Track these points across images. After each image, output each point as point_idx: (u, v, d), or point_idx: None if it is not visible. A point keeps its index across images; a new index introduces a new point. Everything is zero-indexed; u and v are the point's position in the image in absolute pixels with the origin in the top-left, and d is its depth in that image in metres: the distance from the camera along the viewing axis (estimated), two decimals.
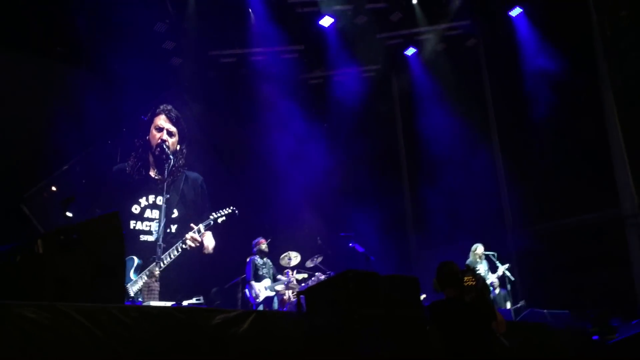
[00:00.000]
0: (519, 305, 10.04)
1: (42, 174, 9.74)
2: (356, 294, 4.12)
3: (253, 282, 9.56)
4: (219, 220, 9.69)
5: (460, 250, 10.56)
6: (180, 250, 9.64)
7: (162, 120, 11.02)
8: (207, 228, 9.68)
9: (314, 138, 14.91)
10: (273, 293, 9.62)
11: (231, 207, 9.79)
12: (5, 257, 4.08)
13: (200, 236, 9.57)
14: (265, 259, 9.98)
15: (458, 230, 12.30)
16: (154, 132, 10.99)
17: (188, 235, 9.56)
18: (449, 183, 12.90)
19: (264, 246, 10.04)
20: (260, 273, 9.73)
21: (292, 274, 10.05)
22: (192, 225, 9.73)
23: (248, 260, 9.88)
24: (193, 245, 9.61)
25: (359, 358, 4.00)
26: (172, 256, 9.51)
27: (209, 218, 9.72)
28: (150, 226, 10.75)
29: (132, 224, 10.40)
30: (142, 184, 10.78)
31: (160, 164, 10.61)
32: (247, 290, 9.61)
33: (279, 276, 9.96)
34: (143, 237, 10.55)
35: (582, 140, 11.87)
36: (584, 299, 11.55)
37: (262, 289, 9.51)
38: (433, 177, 13.36)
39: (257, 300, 9.41)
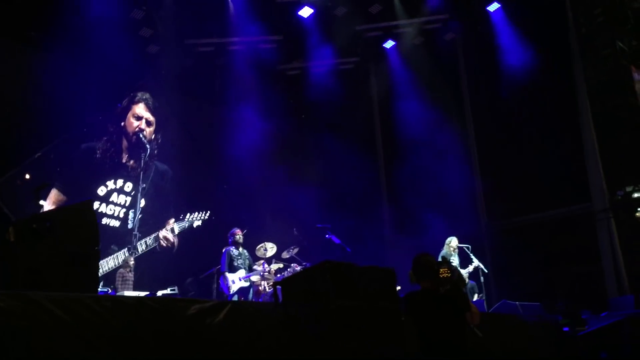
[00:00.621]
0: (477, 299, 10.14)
1: (14, 161, 9.54)
2: (333, 285, 4.13)
3: (227, 273, 9.51)
4: (194, 225, 9.65)
5: (434, 242, 10.65)
6: (149, 245, 9.58)
7: (141, 109, 10.93)
8: (181, 230, 9.64)
9: (292, 128, 14.91)
10: (247, 284, 9.58)
11: (208, 212, 9.75)
12: None
13: (173, 237, 9.56)
14: (241, 250, 9.92)
15: (432, 222, 12.39)
16: (131, 119, 10.87)
17: (161, 235, 9.51)
18: (424, 175, 12.98)
19: (238, 237, 9.97)
20: (236, 264, 9.67)
21: (268, 265, 10.03)
22: (169, 221, 9.67)
23: (223, 251, 9.82)
24: (164, 244, 9.57)
25: (333, 347, 4.02)
26: (144, 247, 9.46)
27: (186, 219, 9.67)
28: (114, 211, 10.60)
29: (95, 204, 10.20)
30: (111, 168, 10.66)
31: (135, 151, 10.51)
32: (221, 281, 9.56)
33: (255, 267, 9.92)
34: (106, 220, 10.40)
35: (556, 136, 12.06)
36: (555, 291, 11.77)
37: (236, 280, 9.46)
38: (409, 169, 13.42)
39: (231, 291, 9.37)
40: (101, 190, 10.36)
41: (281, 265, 10.02)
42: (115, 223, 10.39)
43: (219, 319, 4.13)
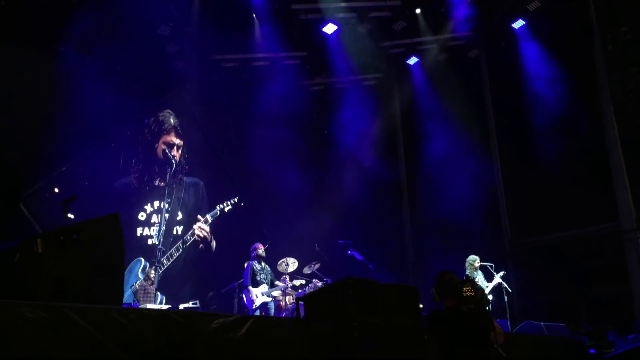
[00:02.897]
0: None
1: (42, 173, 9.71)
2: (355, 301, 4.11)
3: (250, 287, 9.49)
4: (226, 210, 9.81)
5: (457, 260, 10.53)
6: (181, 248, 9.71)
7: (173, 137, 11.21)
8: (214, 218, 9.80)
9: (314, 144, 14.95)
10: (270, 299, 9.56)
11: (236, 198, 9.90)
12: (5, 256, 4.06)
13: (208, 227, 9.73)
14: (263, 265, 9.92)
15: (455, 241, 12.28)
16: (162, 146, 11.15)
17: (195, 226, 9.66)
18: (447, 192, 12.88)
19: (261, 251, 9.98)
20: (258, 278, 9.66)
21: (290, 281, 10.02)
22: (198, 217, 9.83)
23: (246, 265, 9.84)
24: (201, 235, 9.73)
25: None
26: (172, 256, 9.58)
27: (216, 208, 9.84)
28: (156, 231, 10.86)
29: (139, 230, 10.52)
30: (147, 193, 10.96)
31: (165, 173, 10.80)
32: (244, 295, 9.55)
33: (277, 282, 9.92)
34: (150, 242, 10.67)
35: (583, 154, 11.89)
36: (581, 312, 11.55)
37: (259, 294, 9.45)
38: (432, 186, 13.36)
39: (254, 305, 9.36)
40: (141, 216, 10.73)
41: (303, 282, 9.99)
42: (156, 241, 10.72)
43: (241, 334, 4.15)
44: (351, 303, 4.13)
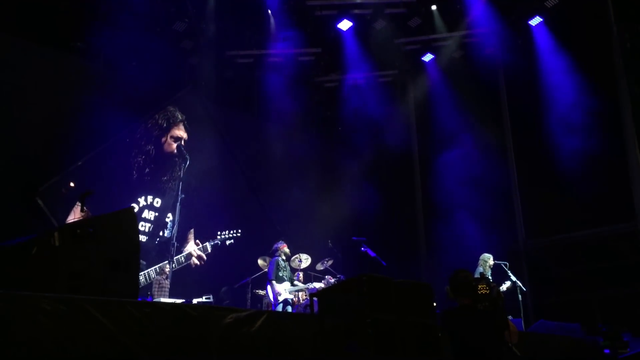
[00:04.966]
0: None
1: (58, 168, 9.78)
2: (370, 298, 4.10)
3: (274, 282, 9.52)
4: (227, 243, 9.87)
5: (471, 259, 10.48)
6: (181, 264, 9.81)
7: (181, 130, 11.21)
8: (213, 248, 9.86)
9: (328, 141, 14.94)
10: (292, 296, 9.63)
11: (238, 230, 9.95)
12: (22, 249, 4.10)
13: (205, 254, 9.80)
14: (286, 263, 9.95)
15: (470, 239, 12.21)
16: (169, 140, 11.16)
17: (194, 254, 9.75)
18: (461, 190, 12.81)
19: (287, 250, 10.01)
20: (281, 274, 9.71)
21: (302, 277, 10.07)
22: (197, 242, 9.89)
23: (271, 260, 9.87)
24: (199, 263, 9.82)
25: None
26: (180, 262, 9.67)
27: (217, 238, 9.88)
28: (144, 227, 10.82)
29: None
30: (145, 185, 10.90)
31: (172, 168, 10.79)
32: (268, 288, 9.54)
33: (296, 282, 9.97)
34: (140, 238, 10.68)
35: (599, 153, 11.75)
36: (595, 312, 11.45)
37: (282, 291, 9.49)
38: (446, 184, 13.28)
39: (279, 300, 9.39)
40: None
41: (322, 285, 9.96)
42: (143, 238, 10.61)
43: (254, 329, 4.16)
44: (365, 300, 4.13)
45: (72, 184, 9.45)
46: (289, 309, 9.39)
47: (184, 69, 12.29)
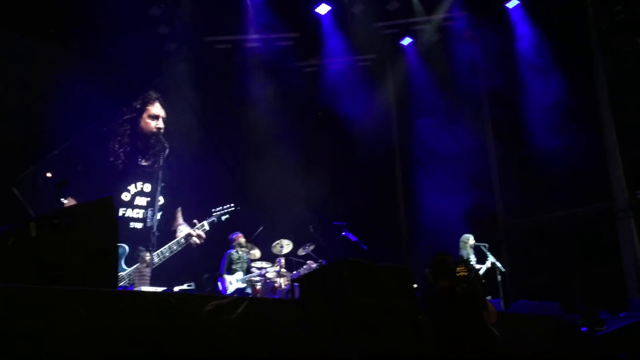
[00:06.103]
0: None
1: (34, 157, 9.63)
2: (351, 282, 4.13)
3: (225, 276, 9.75)
4: (223, 218, 9.83)
5: (450, 241, 10.58)
6: (182, 244, 9.75)
7: (157, 108, 11.02)
8: (211, 225, 9.83)
9: (308, 125, 14.91)
10: (244, 285, 9.78)
11: (232, 205, 9.89)
12: None
13: (204, 233, 9.77)
14: (240, 253, 10.07)
15: (449, 220, 12.32)
16: (147, 119, 10.97)
17: (194, 233, 9.71)
18: (441, 173, 12.89)
19: (242, 240, 10.15)
20: (234, 267, 9.90)
21: (284, 262, 10.10)
22: (194, 221, 9.84)
23: (225, 252, 10.02)
24: (199, 242, 9.79)
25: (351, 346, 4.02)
26: (164, 255, 9.59)
27: (212, 215, 9.84)
28: (139, 213, 10.74)
29: (121, 211, 10.38)
30: (131, 171, 10.77)
31: (153, 151, 10.62)
32: (219, 283, 9.75)
33: (253, 269, 10.05)
34: (132, 225, 10.56)
35: (576, 134, 11.88)
36: (574, 291, 11.66)
37: (233, 281, 9.72)
38: (425, 167, 13.35)
39: (228, 292, 9.64)
40: (125, 197, 10.54)
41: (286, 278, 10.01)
42: (138, 225, 10.56)
43: (236, 315, 4.15)
44: (347, 284, 4.15)
45: (49, 174, 9.30)
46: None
47: (161, 55, 12.12)
